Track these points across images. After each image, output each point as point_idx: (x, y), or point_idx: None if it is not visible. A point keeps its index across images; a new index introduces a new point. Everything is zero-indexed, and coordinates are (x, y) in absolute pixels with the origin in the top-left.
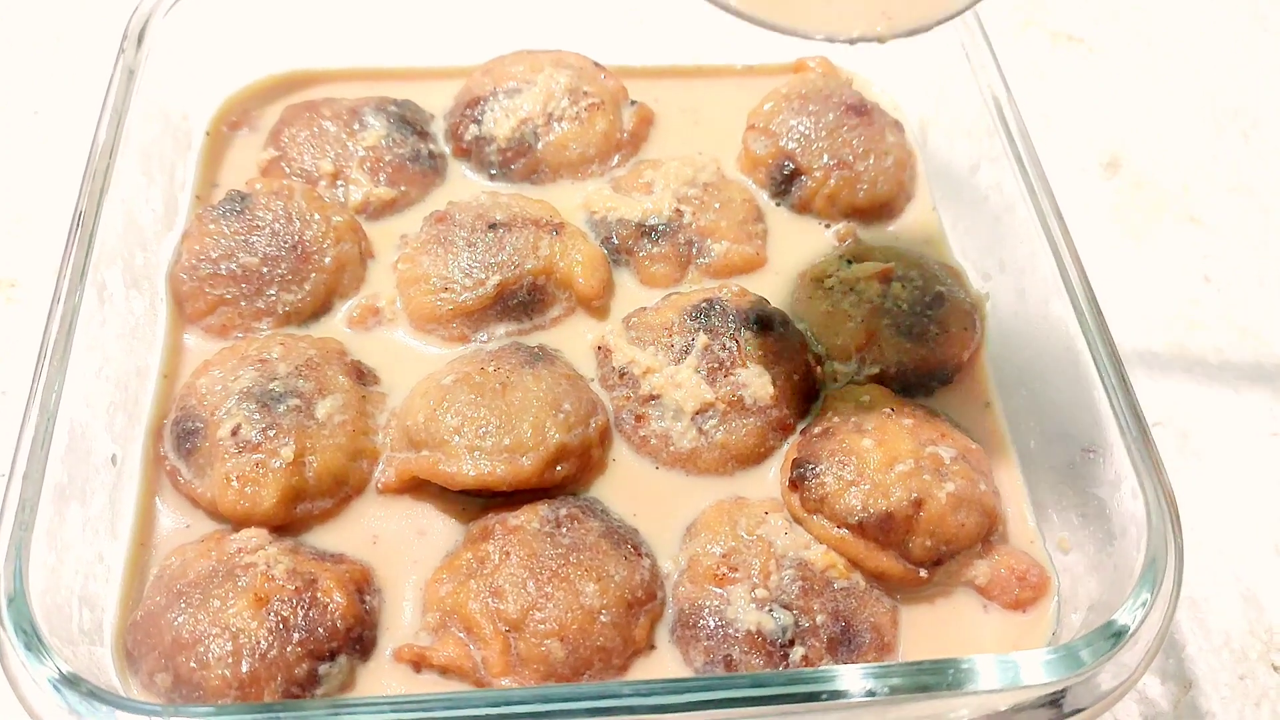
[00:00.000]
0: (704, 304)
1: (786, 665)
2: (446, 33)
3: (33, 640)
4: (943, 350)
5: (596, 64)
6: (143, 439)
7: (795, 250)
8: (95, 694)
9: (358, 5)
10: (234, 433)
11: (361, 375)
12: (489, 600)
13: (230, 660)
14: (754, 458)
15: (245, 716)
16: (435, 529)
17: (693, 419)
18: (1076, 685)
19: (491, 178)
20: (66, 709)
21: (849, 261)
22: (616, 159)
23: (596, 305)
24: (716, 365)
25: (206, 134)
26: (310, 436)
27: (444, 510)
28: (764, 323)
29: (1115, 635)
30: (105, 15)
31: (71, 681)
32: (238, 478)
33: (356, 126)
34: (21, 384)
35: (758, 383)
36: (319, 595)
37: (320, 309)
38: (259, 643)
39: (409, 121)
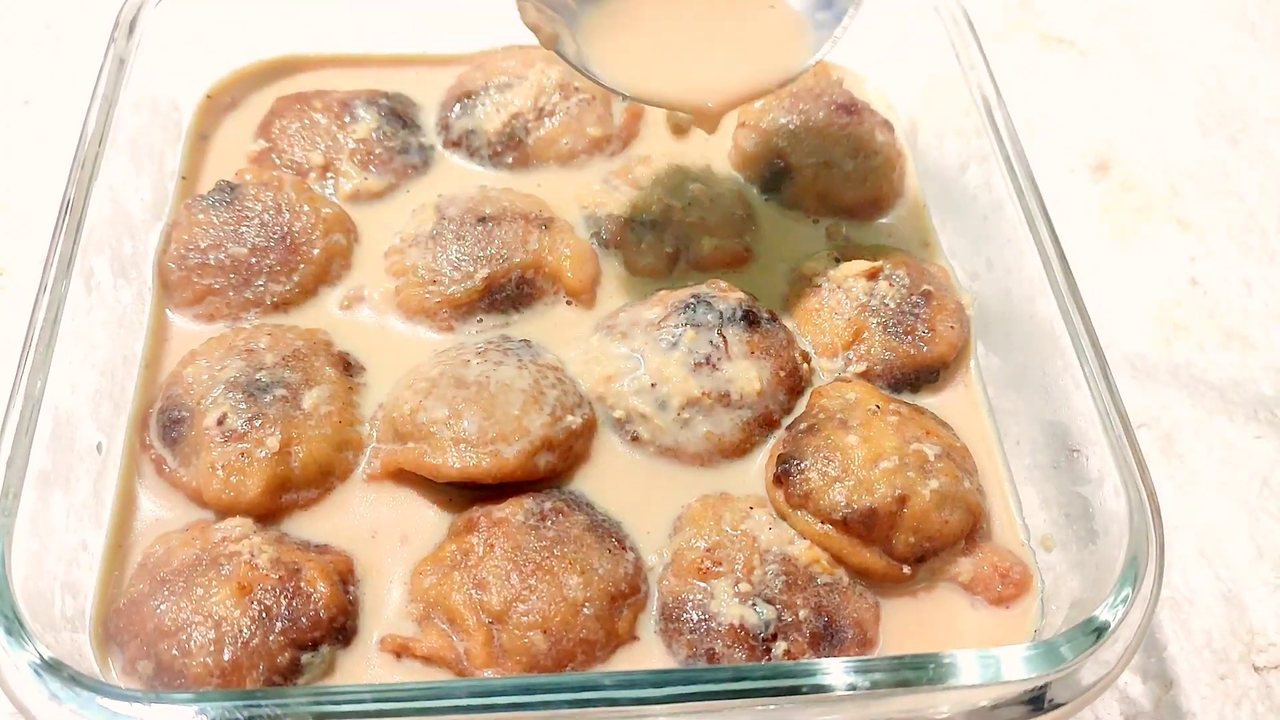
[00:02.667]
0: (691, 299)
1: (769, 659)
2: (438, 21)
3: (14, 625)
4: (929, 348)
5: None
6: (127, 427)
7: (784, 246)
8: (77, 679)
9: None
10: (220, 422)
11: (348, 366)
12: (473, 592)
13: (213, 648)
14: (739, 452)
15: (227, 703)
16: (421, 520)
17: (679, 413)
18: (1057, 681)
19: (482, 170)
20: (48, 695)
21: (837, 259)
22: (607, 154)
23: (585, 299)
24: (703, 360)
25: (208, 96)
26: (296, 426)
27: (430, 501)
28: (751, 318)
29: (1096, 631)
30: (97, 4)
31: (53, 667)
32: (223, 467)
33: (347, 119)
34: (9, 372)
35: (744, 378)
36: (303, 585)
37: (308, 300)
38: (242, 631)
39: (399, 114)
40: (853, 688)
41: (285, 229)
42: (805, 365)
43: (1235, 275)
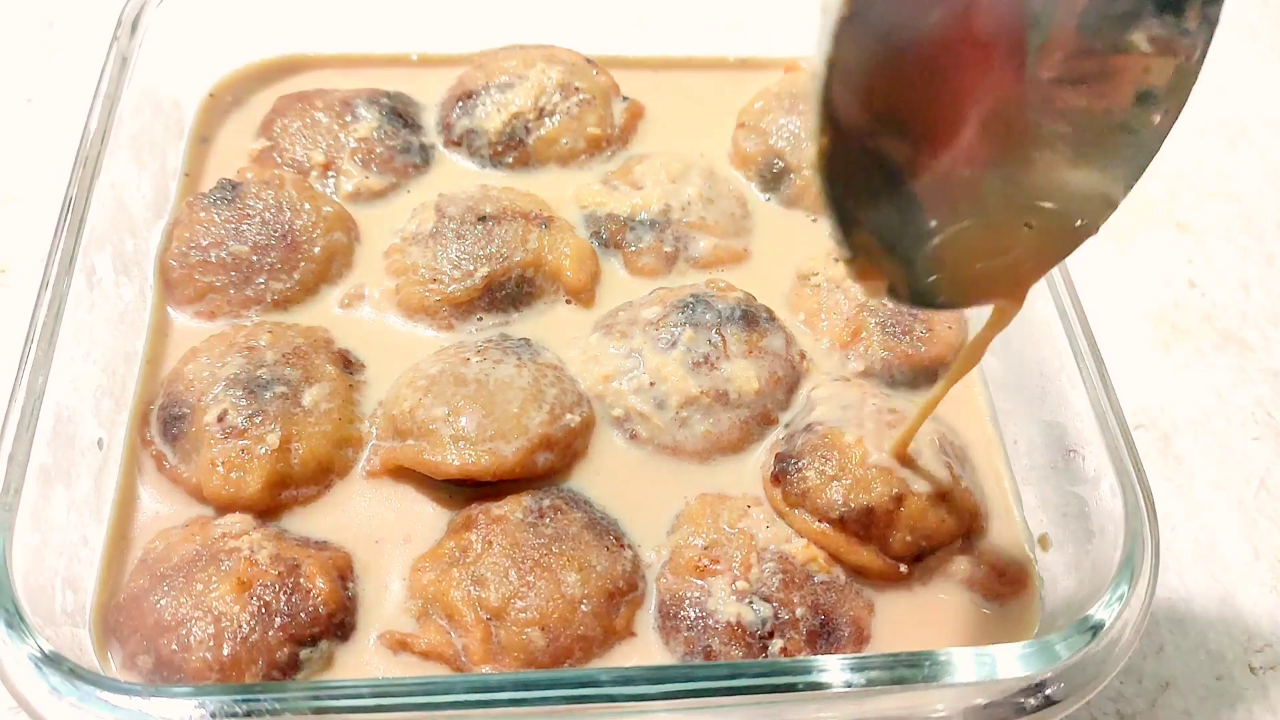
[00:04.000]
0: (690, 298)
1: (765, 657)
2: (439, 21)
3: (14, 618)
4: (928, 348)
5: (588, 59)
6: (128, 424)
7: (783, 246)
8: (77, 673)
9: None
10: (220, 419)
11: (348, 364)
12: (471, 589)
13: (212, 643)
14: (737, 450)
15: (226, 697)
16: (420, 517)
17: (677, 412)
18: (1053, 679)
19: (482, 170)
20: (48, 688)
21: (836, 259)
22: (608, 153)
23: (584, 298)
24: (702, 359)
25: (210, 95)
26: (296, 423)
27: (429, 498)
28: (749, 318)
29: (1092, 630)
30: (99, 2)
31: (53, 660)
32: (223, 463)
33: (349, 118)
34: (11, 369)
35: (742, 377)
36: (302, 581)
37: (309, 298)
38: (241, 626)
39: (401, 114)
40: (849, 685)
41: (286, 227)
42: (803, 364)
43: (1233, 278)
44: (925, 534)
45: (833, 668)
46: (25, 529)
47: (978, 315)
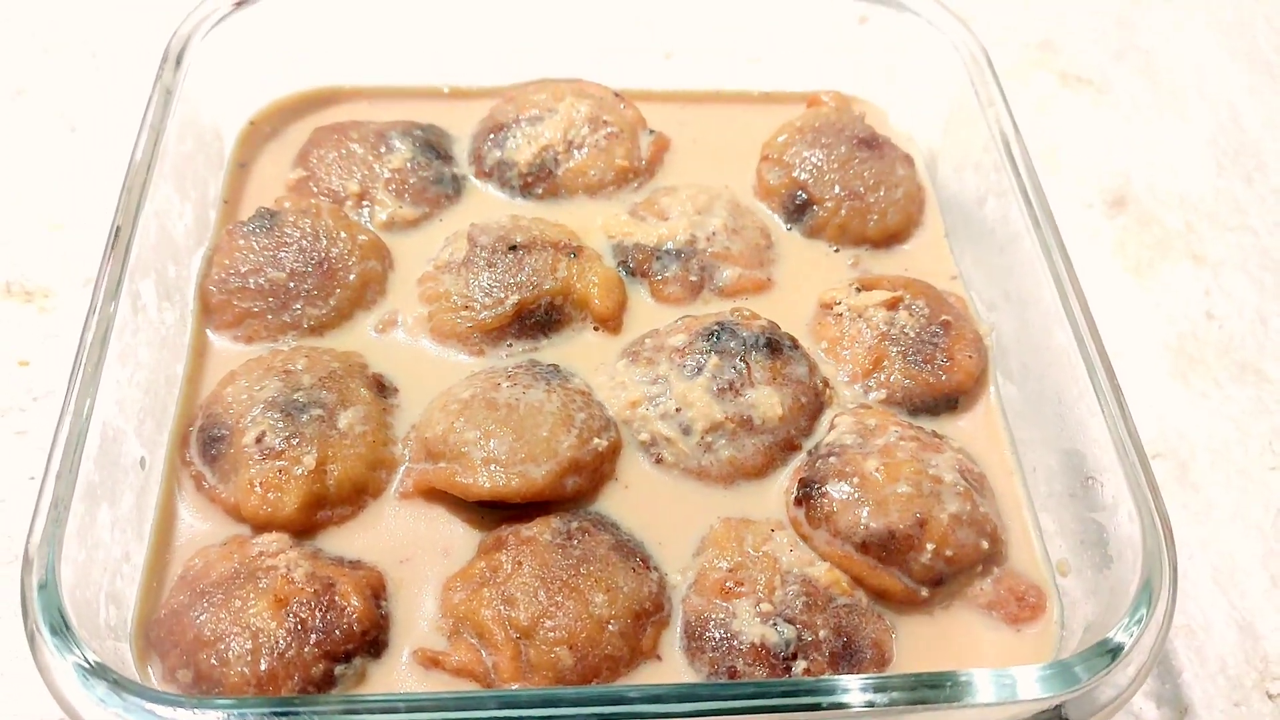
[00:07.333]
0: (715, 326)
1: (789, 678)
2: (471, 55)
3: (61, 628)
4: (948, 377)
5: (616, 93)
6: (169, 444)
7: (807, 274)
8: (122, 684)
9: (389, 32)
10: (258, 440)
11: (382, 388)
12: (501, 608)
13: (249, 658)
14: (761, 474)
15: (266, 710)
16: (451, 538)
17: (702, 437)
18: (1072, 701)
19: (512, 200)
20: (94, 699)
21: (858, 289)
22: (634, 185)
23: (612, 325)
24: (726, 386)
25: (251, 123)
26: (332, 445)
27: (461, 519)
28: (773, 345)
29: (1111, 653)
30: (141, 34)
31: (100, 672)
32: (261, 483)
33: (383, 149)
34: (59, 389)
35: (766, 404)
36: (337, 599)
37: (344, 323)
38: (278, 642)
39: (433, 145)
40: (871, 704)
41: (323, 255)
42: (826, 391)
43: (1250, 310)
44: (946, 558)
45: (855, 687)
46: (72, 544)
47: (996, 347)
